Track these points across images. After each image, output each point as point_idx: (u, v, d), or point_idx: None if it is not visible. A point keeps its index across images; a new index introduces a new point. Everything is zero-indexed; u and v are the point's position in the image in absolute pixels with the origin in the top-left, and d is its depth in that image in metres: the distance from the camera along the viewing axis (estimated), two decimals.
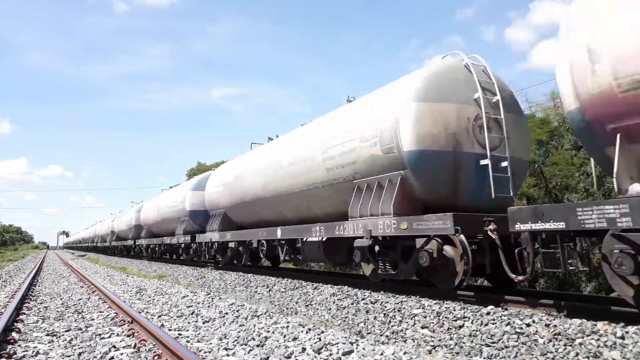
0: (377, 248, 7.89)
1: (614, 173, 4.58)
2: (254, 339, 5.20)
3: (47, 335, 5.84)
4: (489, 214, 6.39)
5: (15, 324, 6.50)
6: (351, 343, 4.77)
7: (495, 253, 6.27)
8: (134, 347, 5.00)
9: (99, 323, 6.60)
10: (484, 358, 4.30)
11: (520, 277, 5.87)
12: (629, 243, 4.54)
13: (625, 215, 4.31)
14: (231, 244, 13.81)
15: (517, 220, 5.30)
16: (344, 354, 4.44)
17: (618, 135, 4.55)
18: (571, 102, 4.90)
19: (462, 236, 6.47)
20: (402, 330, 5.43)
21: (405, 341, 5.08)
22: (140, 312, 7.14)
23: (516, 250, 5.79)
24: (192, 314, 7.23)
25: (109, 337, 5.64)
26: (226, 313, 7.04)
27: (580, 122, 4.86)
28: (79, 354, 4.78)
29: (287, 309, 7.59)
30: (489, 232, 6.22)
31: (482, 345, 4.55)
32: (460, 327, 5.16)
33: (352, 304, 6.95)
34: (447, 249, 6.71)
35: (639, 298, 4.65)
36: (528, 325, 4.78)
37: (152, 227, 23.66)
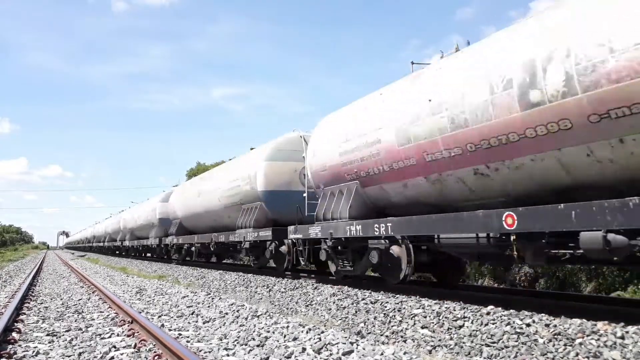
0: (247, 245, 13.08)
1: None
2: (254, 339, 5.20)
3: (48, 335, 5.84)
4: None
5: (16, 324, 6.50)
6: (351, 343, 4.78)
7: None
8: (134, 347, 5.00)
9: (99, 323, 6.60)
10: (484, 358, 4.30)
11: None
12: None
13: None
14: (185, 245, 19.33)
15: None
16: (344, 354, 4.45)
17: None
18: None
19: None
20: (402, 330, 5.43)
21: (405, 341, 5.09)
22: (140, 312, 7.14)
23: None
24: (192, 314, 7.23)
25: (109, 337, 5.64)
26: (226, 313, 7.04)
27: None
28: (79, 354, 4.78)
29: (287, 309, 7.59)
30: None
31: (482, 345, 4.56)
32: (460, 327, 5.16)
33: (352, 304, 6.95)
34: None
35: None
36: (528, 325, 4.78)
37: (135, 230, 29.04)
